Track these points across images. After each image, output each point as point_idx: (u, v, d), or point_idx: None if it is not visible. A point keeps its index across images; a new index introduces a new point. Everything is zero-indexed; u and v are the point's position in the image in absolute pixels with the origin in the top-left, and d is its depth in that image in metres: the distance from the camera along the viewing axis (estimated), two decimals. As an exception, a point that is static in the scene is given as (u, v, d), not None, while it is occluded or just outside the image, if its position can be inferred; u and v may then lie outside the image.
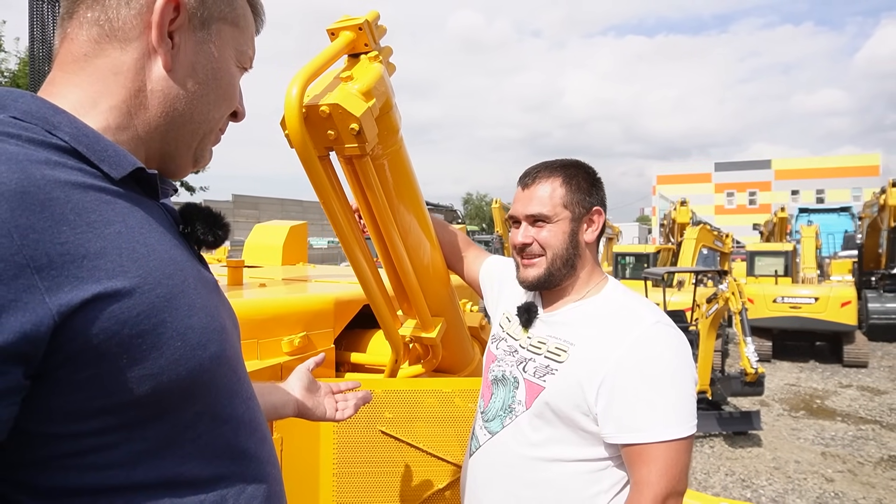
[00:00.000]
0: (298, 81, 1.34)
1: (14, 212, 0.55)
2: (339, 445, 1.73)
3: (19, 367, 0.55)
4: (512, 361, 1.46)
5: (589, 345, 1.33)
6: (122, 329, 0.61)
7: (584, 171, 1.47)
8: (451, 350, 1.98)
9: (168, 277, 0.68)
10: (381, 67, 1.49)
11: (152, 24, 0.74)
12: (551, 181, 1.43)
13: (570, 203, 1.42)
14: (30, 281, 0.55)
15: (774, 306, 10.86)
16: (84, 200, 0.63)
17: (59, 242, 0.58)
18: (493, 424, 1.43)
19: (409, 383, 1.81)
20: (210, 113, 0.83)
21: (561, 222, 1.42)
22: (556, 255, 1.41)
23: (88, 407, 0.61)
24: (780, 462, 6.25)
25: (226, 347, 0.75)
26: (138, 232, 0.68)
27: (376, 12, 1.57)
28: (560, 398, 1.32)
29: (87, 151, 0.68)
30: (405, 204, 1.69)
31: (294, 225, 3.42)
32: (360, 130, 1.38)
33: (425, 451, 1.76)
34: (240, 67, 0.86)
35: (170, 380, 0.66)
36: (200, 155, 0.86)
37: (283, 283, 2.43)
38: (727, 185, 44.26)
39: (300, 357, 1.83)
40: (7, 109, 0.67)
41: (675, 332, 1.32)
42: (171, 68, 0.77)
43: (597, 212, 1.45)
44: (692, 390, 1.27)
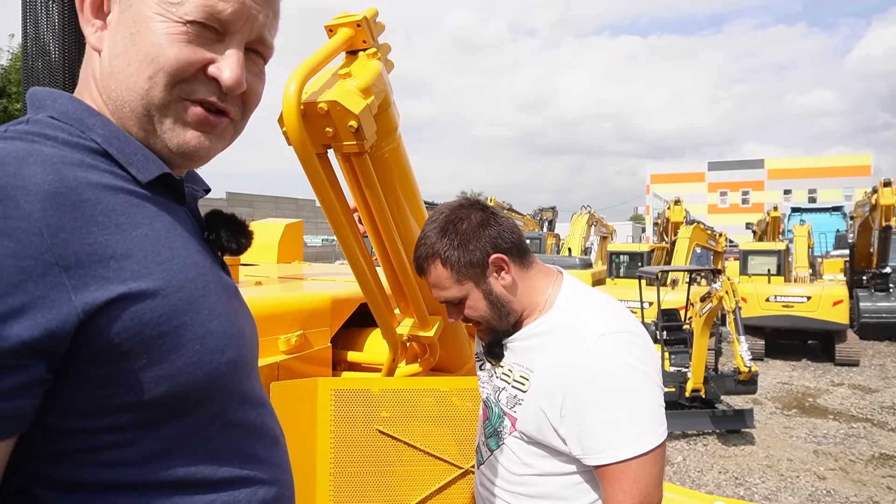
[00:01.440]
0: (296, 78, 1.32)
1: (46, 211, 0.57)
2: (335, 444, 1.72)
3: (43, 361, 0.56)
4: (490, 388, 1.44)
5: (545, 370, 1.28)
6: (143, 329, 0.62)
7: (454, 232, 1.31)
8: (449, 349, 1.97)
9: (191, 281, 0.69)
10: (379, 64, 1.48)
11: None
12: (433, 268, 1.33)
13: (460, 276, 1.31)
14: (58, 279, 0.57)
15: (767, 305, 10.91)
16: (114, 202, 0.65)
17: (87, 242, 0.60)
18: (490, 442, 1.43)
19: (407, 382, 1.80)
20: (135, 83, 0.70)
21: (471, 293, 1.33)
22: (490, 318, 1.34)
23: (106, 404, 0.63)
24: (772, 460, 6.28)
25: (243, 353, 0.75)
26: (164, 236, 0.69)
27: (374, 9, 1.56)
28: (530, 428, 1.29)
29: (118, 154, 0.70)
30: (404, 201, 1.68)
31: (290, 223, 3.41)
32: (358, 128, 1.37)
33: (423, 450, 1.75)
34: (176, 21, 0.69)
35: (186, 382, 0.67)
36: (168, 138, 0.73)
37: (279, 282, 2.42)
38: (720, 185, 44.43)
39: (297, 356, 1.82)
40: (46, 109, 0.70)
41: (622, 340, 1.23)
42: (98, 48, 0.73)
43: (494, 261, 1.31)
44: (651, 398, 1.20)
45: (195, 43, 0.71)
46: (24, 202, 0.57)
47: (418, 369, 1.92)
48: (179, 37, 0.70)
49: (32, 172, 0.59)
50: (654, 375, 1.22)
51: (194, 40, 0.71)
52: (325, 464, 1.71)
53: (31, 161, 0.60)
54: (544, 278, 1.38)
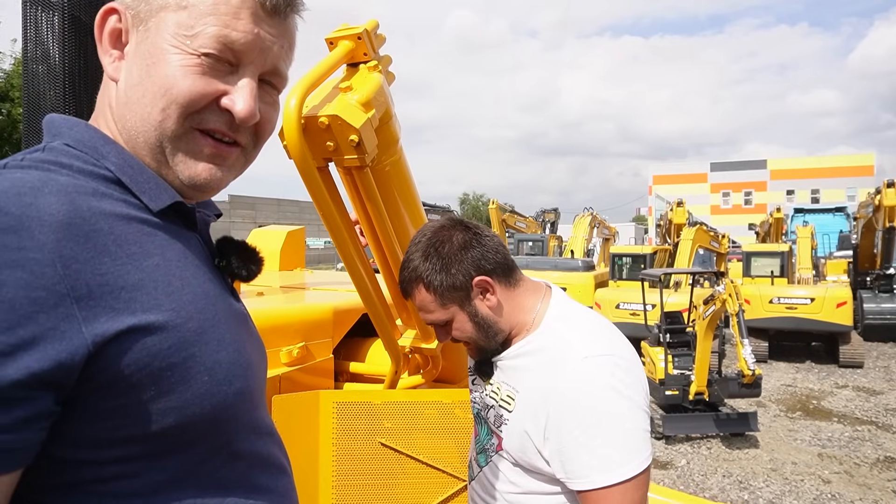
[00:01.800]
0: (297, 92, 1.32)
1: (60, 242, 0.58)
2: (337, 457, 1.71)
3: (51, 393, 0.56)
4: (480, 405, 1.43)
5: (530, 391, 1.27)
6: (152, 361, 0.62)
7: (436, 255, 1.29)
8: (452, 360, 1.97)
9: (200, 312, 0.69)
10: (380, 77, 1.48)
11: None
12: (417, 291, 1.31)
13: (443, 300, 1.29)
14: (69, 310, 0.57)
15: (771, 307, 10.87)
16: (126, 232, 0.65)
17: (99, 273, 0.60)
18: (480, 458, 1.41)
19: (409, 395, 1.79)
20: (149, 115, 0.71)
21: (456, 315, 1.31)
22: (477, 339, 1.33)
23: (114, 435, 0.62)
24: (777, 463, 6.26)
25: (250, 384, 0.75)
26: (175, 265, 0.70)
27: (375, 21, 1.55)
28: (514, 449, 1.28)
29: (131, 182, 0.70)
30: (405, 213, 1.68)
31: (291, 230, 3.41)
32: (359, 142, 1.36)
33: (426, 462, 1.74)
34: (191, 53, 0.70)
35: (194, 413, 0.66)
36: (180, 171, 0.74)
37: (281, 292, 2.41)
38: (723, 185, 44.39)
39: (299, 368, 1.81)
40: (62, 136, 0.71)
41: (606, 363, 1.19)
42: (115, 78, 0.74)
43: (477, 283, 1.28)
44: (634, 423, 1.16)
45: (209, 74, 0.71)
46: (39, 233, 0.57)
47: (421, 381, 1.91)
48: (193, 69, 0.70)
49: (48, 203, 0.59)
50: (638, 400, 1.19)
51: (208, 72, 0.71)
52: (327, 477, 1.70)
53: (47, 191, 0.60)
54: (532, 296, 1.35)
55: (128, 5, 0.73)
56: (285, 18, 0.77)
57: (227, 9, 0.71)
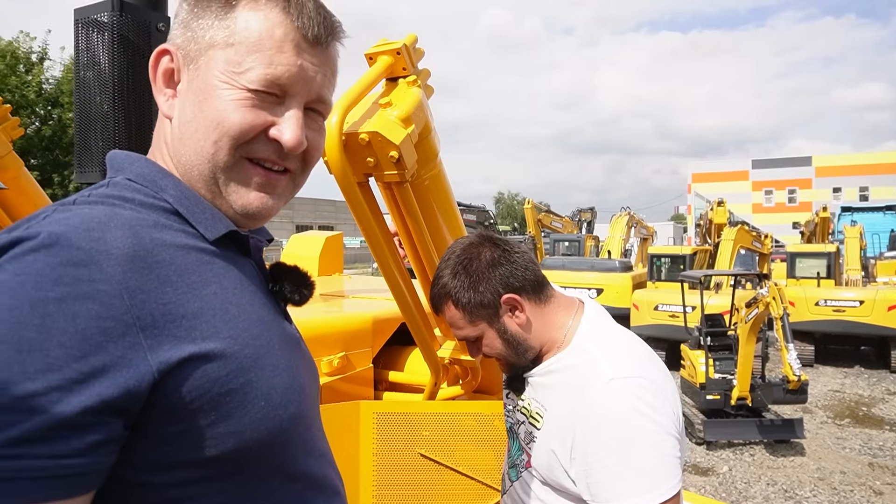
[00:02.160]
0: (338, 109, 1.33)
1: (126, 274, 0.61)
2: (377, 468, 1.72)
3: (120, 418, 0.59)
4: (513, 420, 1.43)
5: (558, 410, 1.26)
6: (212, 387, 0.65)
7: (465, 273, 1.29)
8: (491, 371, 1.96)
9: (256, 338, 0.72)
10: (419, 92, 1.48)
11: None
12: (446, 308, 1.33)
13: (472, 317, 1.30)
14: (135, 339, 0.60)
15: (817, 309, 10.54)
16: (186, 262, 0.69)
17: (162, 303, 0.63)
18: (512, 472, 1.41)
19: (449, 406, 1.79)
20: (202, 148, 0.74)
21: (485, 333, 1.31)
22: (507, 356, 1.33)
23: (176, 459, 0.65)
24: (824, 472, 6.07)
25: (304, 408, 0.78)
26: (232, 292, 0.73)
27: (414, 35, 1.56)
28: (542, 467, 1.27)
29: (188, 213, 0.74)
30: (444, 226, 1.68)
31: (330, 235, 3.45)
32: (399, 158, 1.37)
33: (465, 474, 1.75)
34: (240, 88, 0.73)
35: (251, 437, 0.69)
36: (233, 200, 0.77)
37: (321, 300, 2.44)
38: (765, 183, 43.12)
39: (340, 377, 1.83)
40: (124, 171, 0.76)
41: (632, 385, 1.17)
42: (169, 115, 0.78)
43: (506, 301, 1.28)
44: (660, 448, 1.13)
45: (258, 107, 0.74)
46: (107, 265, 0.60)
47: (460, 392, 1.91)
48: (243, 102, 0.73)
49: (114, 237, 0.63)
50: (666, 424, 1.16)
51: (257, 104, 0.74)
52: (367, 487, 1.72)
53: (113, 225, 0.64)
54: (563, 312, 1.34)
55: (178, 45, 0.77)
56: (327, 47, 0.79)
57: (271, 43, 0.73)
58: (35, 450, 0.53)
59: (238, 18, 0.74)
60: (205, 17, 0.75)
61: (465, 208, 16.69)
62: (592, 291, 12.02)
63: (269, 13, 0.74)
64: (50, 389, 0.54)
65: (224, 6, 0.75)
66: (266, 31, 0.73)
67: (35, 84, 17.48)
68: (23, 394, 0.53)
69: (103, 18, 1.78)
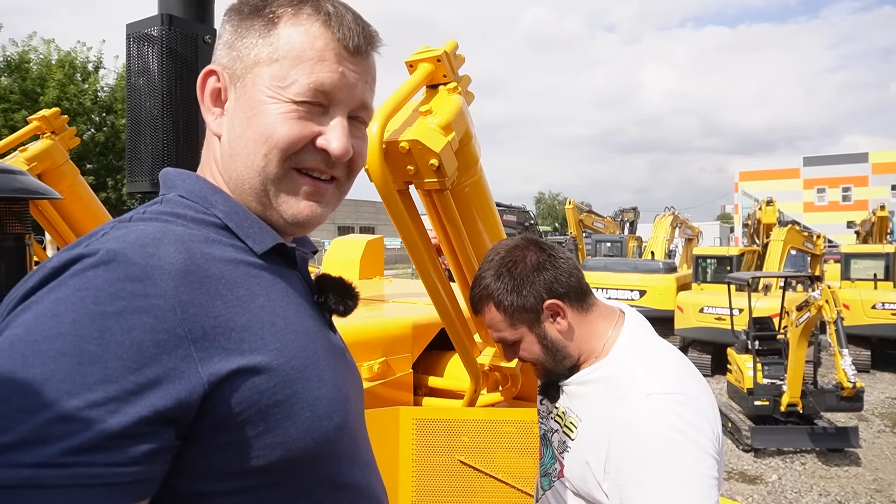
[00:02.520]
0: (378, 118, 1.34)
1: (178, 288, 0.63)
2: (417, 474, 1.73)
3: (172, 428, 0.61)
4: (546, 427, 1.41)
5: (593, 421, 1.23)
6: (260, 399, 0.67)
7: (508, 275, 1.28)
8: (531, 378, 1.94)
9: (302, 350, 0.73)
10: (460, 99, 1.48)
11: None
12: (487, 309, 1.31)
13: (513, 320, 1.28)
14: (187, 351, 0.62)
15: (873, 313, 10.11)
16: (235, 275, 0.71)
17: (212, 316, 0.65)
18: (544, 481, 1.39)
19: (488, 413, 1.79)
20: (252, 162, 0.77)
21: (525, 336, 1.30)
22: (544, 362, 1.31)
23: (227, 469, 0.66)
24: (882, 484, 5.81)
25: (349, 418, 0.79)
26: (279, 305, 0.75)
27: (454, 42, 1.56)
28: (575, 478, 1.25)
29: (237, 228, 0.77)
30: (484, 233, 1.67)
31: (371, 239, 3.49)
32: (439, 165, 1.37)
33: (505, 481, 1.74)
34: (286, 101, 0.75)
35: (298, 448, 0.70)
36: (283, 210, 0.79)
37: (361, 304, 2.47)
38: (818, 181, 41.51)
39: (380, 383, 1.85)
40: (176, 188, 0.79)
41: (670, 401, 1.14)
42: (218, 133, 0.80)
43: (548, 307, 1.26)
44: (697, 468, 1.09)
45: (304, 118, 0.77)
46: (161, 280, 0.63)
47: (500, 398, 1.91)
48: (290, 114, 0.76)
49: (167, 252, 0.65)
50: (704, 443, 1.11)
51: (304, 116, 0.76)
52: (407, 492, 1.73)
53: (166, 241, 0.67)
54: (604, 322, 1.31)
55: (224, 65, 0.79)
56: (367, 56, 0.82)
57: (313, 53, 0.76)
58: (94, 458, 0.55)
59: (280, 35, 0.76)
60: (248, 36, 0.78)
61: (504, 209, 16.61)
62: (635, 293, 11.81)
63: (310, 27, 0.76)
64: (108, 400, 0.56)
65: (267, 24, 0.77)
66: (308, 43, 0.76)
67: (91, 92, 18.19)
68: (84, 404, 0.55)
69: (153, 32, 1.85)
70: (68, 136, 3.34)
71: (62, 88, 16.95)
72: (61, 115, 3.33)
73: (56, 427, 0.54)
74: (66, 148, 3.29)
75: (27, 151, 3.07)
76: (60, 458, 0.54)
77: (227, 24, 0.80)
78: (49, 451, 0.53)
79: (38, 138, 3.25)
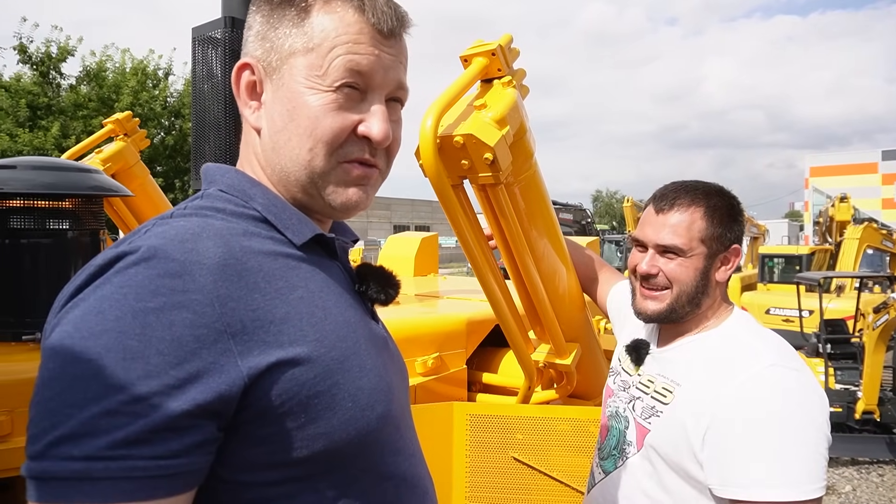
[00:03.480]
0: (433, 112, 1.35)
1: (217, 283, 0.64)
2: (470, 470, 1.73)
3: (214, 421, 0.62)
4: (625, 398, 1.37)
5: (695, 385, 1.20)
6: (301, 390, 0.67)
7: (728, 201, 1.31)
8: (586, 375, 1.91)
9: (342, 340, 0.74)
10: (514, 93, 1.47)
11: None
12: (691, 211, 1.28)
13: (708, 238, 1.27)
14: (226, 345, 0.62)
15: (959, 316, 9.43)
16: (273, 268, 0.72)
17: (251, 309, 0.66)
18: (606, 463, 1.36)
19: (543, 410, 1.77)
20: (298, 156, 0.77)
21: (694, 258, 1.27)
22: (683, 292, 1.27)
23: (271, 460, 0.68)
24: (968, 500, 5.43)
25: (391, 408, 0.79)
26: (318, 295, 0.75)
27: (509, 36, 1.55)
28: (664, 442, 1.21)
29: (275, 220, 0.78)
30: (539, 229, 1.65)
31: (426, 236, 3.51)
32: (494, 159, 1.36)
33: (559, 480, 1.71)
34: (326, 90, 0.75)
35: (340, 439, 0.70)
36: (330, 199, 0.79)
37: (416, 300, 2.49)
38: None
39: (434, 378, 1.86)
40: (216, 183, 0.80)
41: (795, 376, 1.13)
42: (258, 127, 0.80)
43: (734, 251, 1.30)
44: (816, 448, 1.07)
45: (344, 108, 0.76)
46: (199, 275, 0.64)
47: (555, 396, 1.88)
48: (330, 105, 0.75)
49: (206, 247, 0.66)
50: (822, 423, 1.10)
51: (343, 105, 0.76)
52: (460, 488, 1.73)
53: (205, 236, 0.68)
54: (727, 301, 1.35)
55: (258, 58, 0.79)
56: (400, 38, 0.82)
57: (347, 37, 0.76)
58: (138, 451, 0.57)
59: (314, 23, 0.76)
60: (281, 26, 0.77)
61: (561, 207, 16.37)
62: (697, 293, 11.44)
63: (343, 13, 0.76)
64: (151, 395, 0.58)
65: (299, 13, 0.76)
66: (342, 28, 0.76)
67: (161, 98, 19.02)
68: (127, 399, 0.57)
69: (216, 35, 1.92)
70: (139, 137, 3.51)
71: (135, 95, 17.77)
72: (133, 119, 3.50)
73: (103, 421, 0.56)
74: (137, 149, 3.46)
75: (102, 153, 3.24)
76: (107, 451, 0.55)
77: (257, 14, 0.80)
78: (96, 444, 0.55)
79: (112, 140, 3.43)
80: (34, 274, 1.59)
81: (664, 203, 1.31)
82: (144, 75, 18.75)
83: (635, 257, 1.35)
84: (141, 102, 17.77)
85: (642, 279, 1.32)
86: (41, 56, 17.18)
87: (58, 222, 1.63)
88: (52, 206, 1.62)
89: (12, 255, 1.58)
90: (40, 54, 17.15)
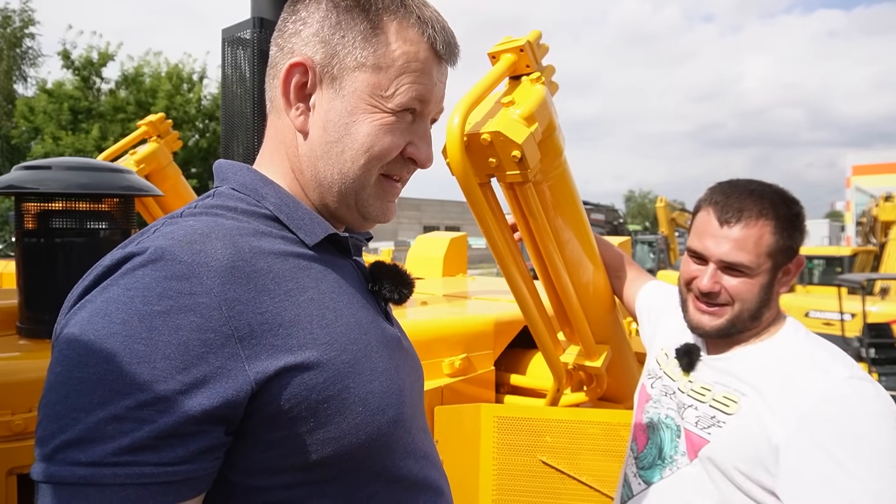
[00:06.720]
0: (460, 110, 1.33)
1: (224, 286, 0.63)
2: (498, 472, 1.70)
3: (221, 426, 0.61)
4: (670, 405, 1.30)
5: (764, 397, 1.13)
6: (310, 395, 0.66)
7: (795, 210, 1.22)
8: (617, 378, 1.87)
9: (353, 343, 0.72)
10: (543, 89, 1.44)
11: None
12: (760, 225, 1.18)
13: (775, 253, 1.19)
14: (234, 350, 0.61)
15: None
16: (283, 269, 0.71)
17: (259, 312, 0.65)
18: (649, 473, 1.29)
19: (572, 413, 1.73)
20: (349, 170, 0.77)
21: (758, 275, 1.20)
22: (745, 309, 1.21)
23: (281, 464, 0.67)
24: None
25: (403, 410, 0.77)
26: (329, 296, 0.74)
27: (538, 32, 1.52)
28: (728, 456, 1.14)
29: (287, 220, 0.77)
30: (569, 228, 1.62)
31: (454, 237, 3.49)
32: (521, 157, 1.34)
33: (588, 484, 1.68)
34: (386, 111, 0.76)
35: (350, 443, 0.69)
36: (365, 211, 0.81)
37: (444, 300, 2.47)
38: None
39: (461, 379, 1.84)
40: (229, 181, 0.80)
41: (874, 390, 1.07)
42: (305, 131, 0.79)
43: (798, 262, 1.23)
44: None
45: (398, 129, 0.78)
46: (206, 278, 0.62)
47: (584, 398, 1.84)
48: (388, 126, 0.77)
49: (214, 248, 0.65)
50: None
51: (397, 126, 0.78)
52: (487, 491, 1.70)
53: (214, 236, 0.67)
54: (778, 307, 1.28)
55: (316, 62, 0.77)
56: (450, 67, 0.84)
57: (416, 66, 0.77)
58: (145, 457, 0.56)
59: (389, 43, 0.76)
60: (349, 35, 0.75)
61: (592, 207, 16.18)
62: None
63: (417, 41, 0.77)
64: (157, 400, 0.57)
65: (373, 28, 0.75)
66: (412, 55, 0.76)
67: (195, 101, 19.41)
68: (134, 404, 0.56)
69: (246, 35, 1.93)
70: (172, 139, 3.57)
71: (170, 98, 18.18)
72: (165, 121, 3.56)
73: (109, 427, 0.55)
74: (170, 150, 3.52)
75: (136, 154, 3.31)
76: (113, 457, 0.55)
77: (317, 13, 0.77)
78: (102, 450, 0.55)
79: (146, 142, 3.50)
80: (67, 272, 1.62)
81: (729, 214, 1.21)
82: (179, 79, 19.16)
83: (691, 270, 1.26)
84: (175, 106, 18.16)
85: (700, 294, 1.24)
86: (83, 61, 17.74)
87: (91, 222, 1.66)
88: (87, 206, 1.64)
89: (48, 254, 1.62)
90: (82, 60, 17.71)
